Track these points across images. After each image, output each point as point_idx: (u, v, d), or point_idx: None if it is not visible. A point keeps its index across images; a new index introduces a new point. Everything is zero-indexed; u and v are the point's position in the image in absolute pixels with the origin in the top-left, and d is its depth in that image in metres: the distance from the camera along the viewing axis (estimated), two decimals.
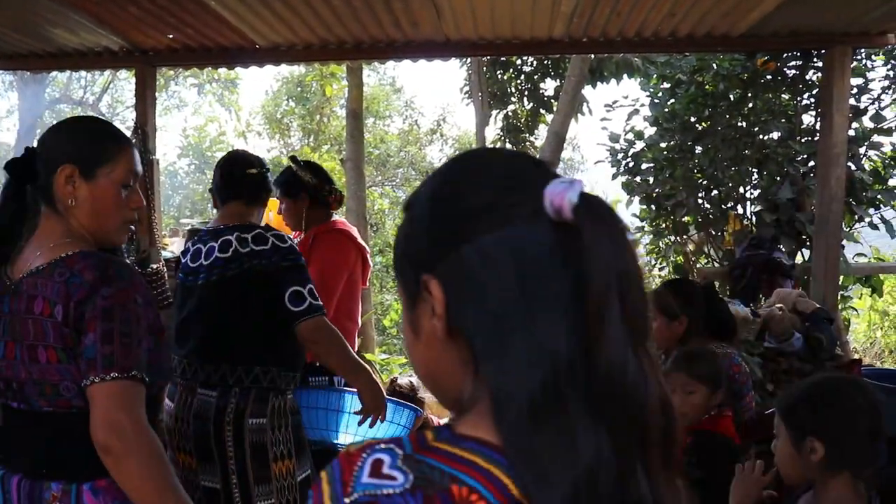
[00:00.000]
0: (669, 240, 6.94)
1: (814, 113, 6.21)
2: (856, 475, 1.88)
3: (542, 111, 9.36)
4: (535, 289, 0.75)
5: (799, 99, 6.29)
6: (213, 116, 17.89)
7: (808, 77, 6.18)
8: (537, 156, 7.88)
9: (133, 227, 4.76)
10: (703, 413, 2.88)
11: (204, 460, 2.58)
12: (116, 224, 1.79)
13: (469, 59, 8.43)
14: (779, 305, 4.75)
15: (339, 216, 4.09)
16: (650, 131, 6.82)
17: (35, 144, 1.79)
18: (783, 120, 6.29)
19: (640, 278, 0.78)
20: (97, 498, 1.64)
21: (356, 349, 3.86)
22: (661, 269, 7.24)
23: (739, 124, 6.37)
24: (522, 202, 0.79)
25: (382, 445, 0.75)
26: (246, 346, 2.63)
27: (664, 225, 6.93)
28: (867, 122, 6.25)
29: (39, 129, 17.60)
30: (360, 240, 3.80)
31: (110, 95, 18.84)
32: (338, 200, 3.74)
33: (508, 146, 8.56)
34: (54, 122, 1.97)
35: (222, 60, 5.30)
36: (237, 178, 2.83)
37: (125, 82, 18.20)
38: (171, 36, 4.66)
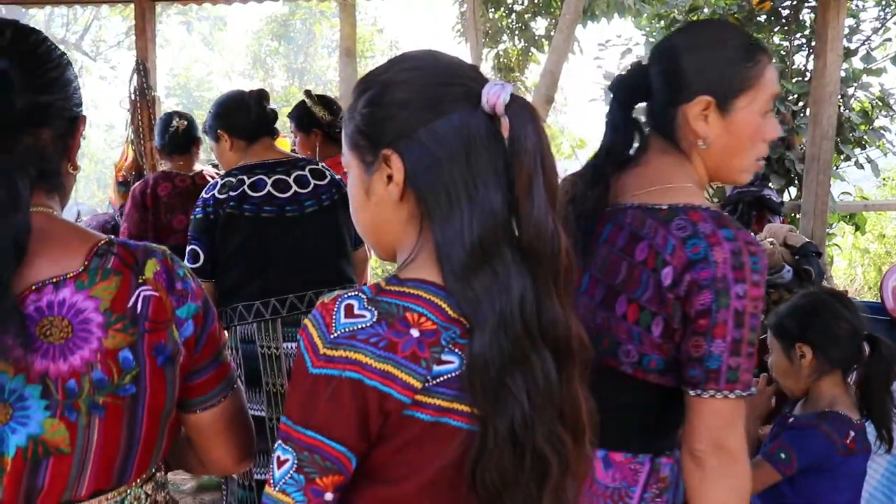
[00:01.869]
0: None
1: (805, 54, 6.30)
2: (844, 375, 2.10)
3: (533, 50, 9.37)
4: (477, 162, 0.99)
5: (792, 39, 6.37)
6: (197, 57, 17.66)
7: (801, 17, 6.25)
8: (530, 93, 7.92)
9: (143, 164, 4.82)
10: None
11: None
12: (749, 164, 1.49)
13: None
14: (770, 239, 4.91)
15: None
16: None
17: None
18: (776, 60, 6.37)
19: (552, 160, 1.03)
20: (607, 471, 1.46)
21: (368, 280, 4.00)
22: None
23: None
24: (465, 95, 1.02)
25: (349, 294, 0.98)
26: (349, 266, 2.81)
27: None
28: (857, 62, 6.36)
29: None
30: None
31: (93, 34, 18.46)
32: None
33: None
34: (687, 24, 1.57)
35: None
36: (270, 113, 2.88)
37: (107, 21, 17.83)
38: None
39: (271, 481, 0.99)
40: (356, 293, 0.99)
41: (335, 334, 0.95)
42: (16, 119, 1.05)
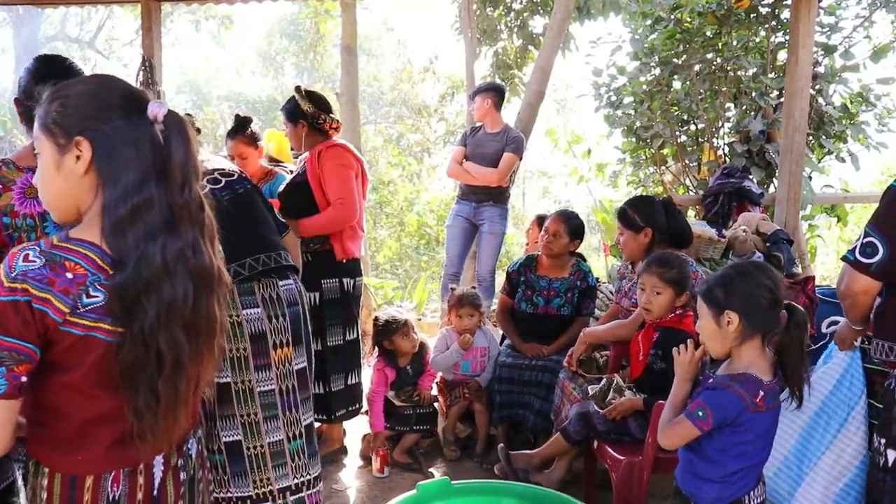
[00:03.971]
0: (648, 171, 7.28)
1: (787, 50, 6.52)
2: (763, 339, 2.30)
3: (531, 48, 9.56)
4: (140, 152, 1.50)
5: (774, 36, 6.59)
6: (207, 55, 18.00)
7: (781, 16, 6.47)
8: (524, 90, 8.08)
9: None
10: (669, 312, 3.31)
11: (297, 343, 2.88)
12: None
13: None
14: (743, 227, 5.15)
15: None
16: (632, 67, 7.09)
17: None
18: (757, 56, 6.60)
19: (192, 153, 1.56)
20: None
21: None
22: None
23: (715, 60, 6.67)
24: (137, 107, 1.53)
25: (29, 245, 1.45)
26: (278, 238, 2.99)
27: (644, 156, 7.26)
28: (838, 59, 6.57)
29: None
30: (357, 153, 4.15)
31: (106, 33, 18.86)
32: (334, 128, 4.09)
33: (498, 81, 8.80)
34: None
35: None
36: None
37: (119, 20, 18.23)
38: None
39: None
40: (34, 245, 1.47)
41: (14, 273, 1.42)
42: None
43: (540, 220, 5.41)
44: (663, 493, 3.65)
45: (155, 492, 1.69)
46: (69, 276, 1.43)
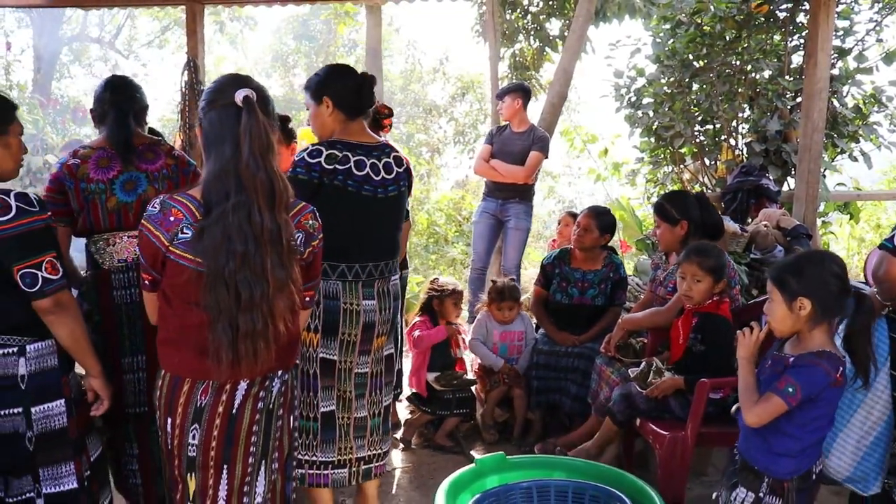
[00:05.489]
0: (667, 170, 7.50)
1: (802, 53, 6.74)
2: (829, 324, 2.42)
3: (548, 50, 9.76)
4: (224, 132, 2.08)
5: (790, 39, 6.82)
6: (221, 57, 18.18)
7: (797, 19, 6.69)
8: (545, 91, 8.29)
9: (190, 151, 5.31)
10: (708, 298, 3.53)
11: (390, 333, 3.15)
12: None
13: None
14: (764, 223, 5.37)
15: None
16: (651, 69, 7.31)
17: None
18: (774, 59, 6.82)
19: (258, 130, 2.06)
20: None
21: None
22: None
23: (734, 62, 6.90)
24: (228, 97, 2.09)
25: (159, 196, 2.14)
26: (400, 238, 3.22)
27: (662, 155, 7.48)
28: (851, 61, 6.80)
29: (57, 66, 17.76)
30: (402, 152, 4.36)
31: (126, 34, 19.02)
32: (390, 123, 4.30)
33: (515, 82, 8.95)
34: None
35: None
36: (374, 98, 3.08)
37: (139, 21, 18.37)
38: None
39: None
40: (163, 196, 2.12)
41: (146, 213, 2.11)
42: (130, 102, 3.08)
43: (571, 216, 5.64)
44: (698, 470, 3.87)
45: (234, 410, 2.15)
46: (172, 219, 2.06)
